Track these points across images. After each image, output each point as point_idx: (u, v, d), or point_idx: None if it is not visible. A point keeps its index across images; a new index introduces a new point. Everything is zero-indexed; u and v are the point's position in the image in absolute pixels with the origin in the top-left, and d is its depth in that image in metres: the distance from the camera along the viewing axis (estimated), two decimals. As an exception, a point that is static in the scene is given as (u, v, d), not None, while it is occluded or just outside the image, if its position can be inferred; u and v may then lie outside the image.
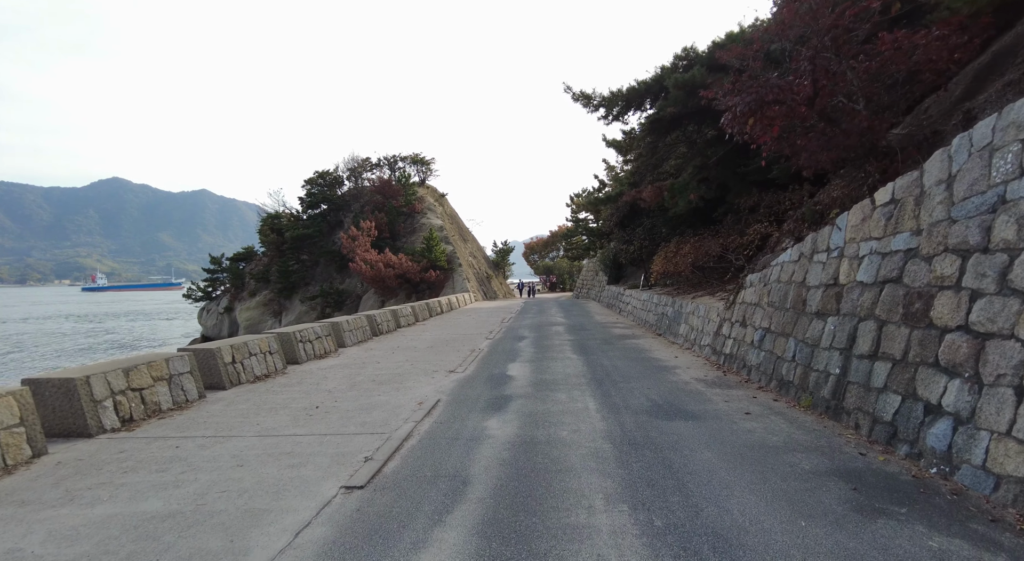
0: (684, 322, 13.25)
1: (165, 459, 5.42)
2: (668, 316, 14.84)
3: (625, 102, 14.73)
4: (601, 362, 10.76)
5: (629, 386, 8.38)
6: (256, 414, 7.23)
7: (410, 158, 50.64)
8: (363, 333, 15.39)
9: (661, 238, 23.32)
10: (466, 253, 47.84)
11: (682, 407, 7.01)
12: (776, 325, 8.31)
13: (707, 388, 8.17)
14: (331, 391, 8.60)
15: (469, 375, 9.73)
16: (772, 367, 8.07)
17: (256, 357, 10.10)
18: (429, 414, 6.99)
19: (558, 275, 70.48)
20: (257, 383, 9.51)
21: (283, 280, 46.93)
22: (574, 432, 5.99)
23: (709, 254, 14.28)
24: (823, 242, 7.52)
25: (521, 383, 8.85)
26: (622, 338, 14.60)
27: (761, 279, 9.53)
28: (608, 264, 32.17)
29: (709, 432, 5.89)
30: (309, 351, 12.15)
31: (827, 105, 7.94)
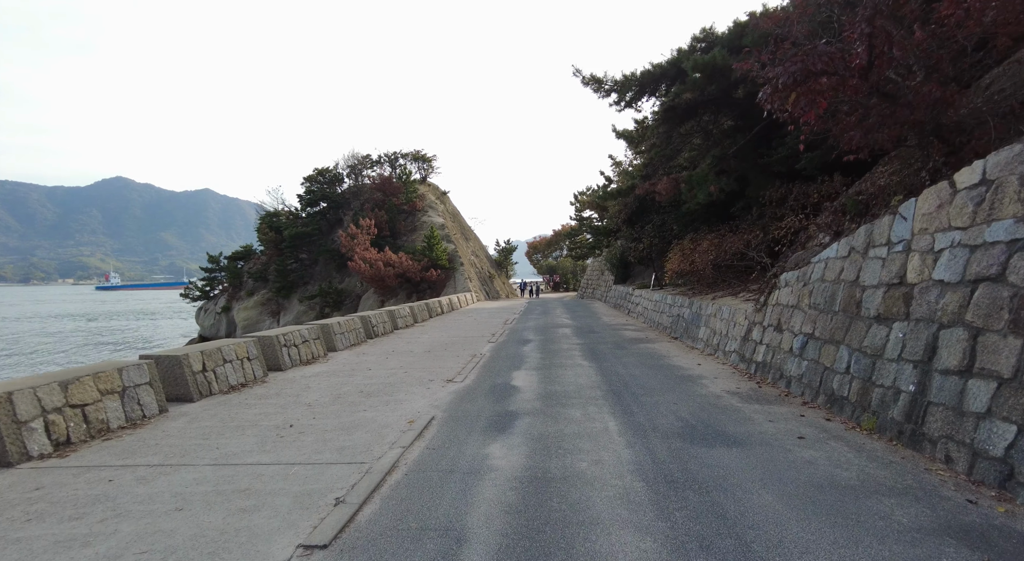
0: (704, 325, 12.16)
1: (88, 499, 4.37)
2: (685, 318, 13.75)
3: (639, 87, 13.65)
4: (616, 370, 9.68)
5: (652, 401, 7.30)
6: (219, 434, 6.18)
7: (411, 155, 49.60)
8: (356, 336, 14.33)
9: (672, 235, 22.22)
10: (468, 252, 46.78)
11: (720, 429, 5.93)
12: (822, 330, 7.22)
13: (743, 403, 7.09)
14: (311, 405, 7.54)
15: (469, 385, 8.66)
16: (819, 379, 6.98)
17: (231, 364, 9.05)
18: (420, 436, 5.92)
19: (562, 275, 69.39)
20: (231, 394, 8.46)
21: (281, 279, 45.96)
22: (595, 463, 4.92)
23: (731, 251, 13.19)
24: (881, 234, 6.43)
25: (528, 396, 7.78)
26: (635, 342, 13.51)
27: (799, 278, 8.44)
28: (615, 263, 31.07)
29: (761, 464, 4.82)
30: (294, 357, 11.10)
31: (883, 77, 6.85)
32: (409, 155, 49.50)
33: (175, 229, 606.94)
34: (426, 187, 50.08)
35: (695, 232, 18.39)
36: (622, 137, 17.75)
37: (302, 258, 47.58)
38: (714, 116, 16.68)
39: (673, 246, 19.33)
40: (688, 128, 16.43)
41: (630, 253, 25.36)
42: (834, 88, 6.93)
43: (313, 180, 50.56)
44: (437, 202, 48.94)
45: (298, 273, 46.66)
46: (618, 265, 30.72)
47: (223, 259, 52.69)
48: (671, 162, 16.08)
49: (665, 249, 22.68)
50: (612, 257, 32.30)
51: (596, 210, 39.89)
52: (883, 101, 6.97)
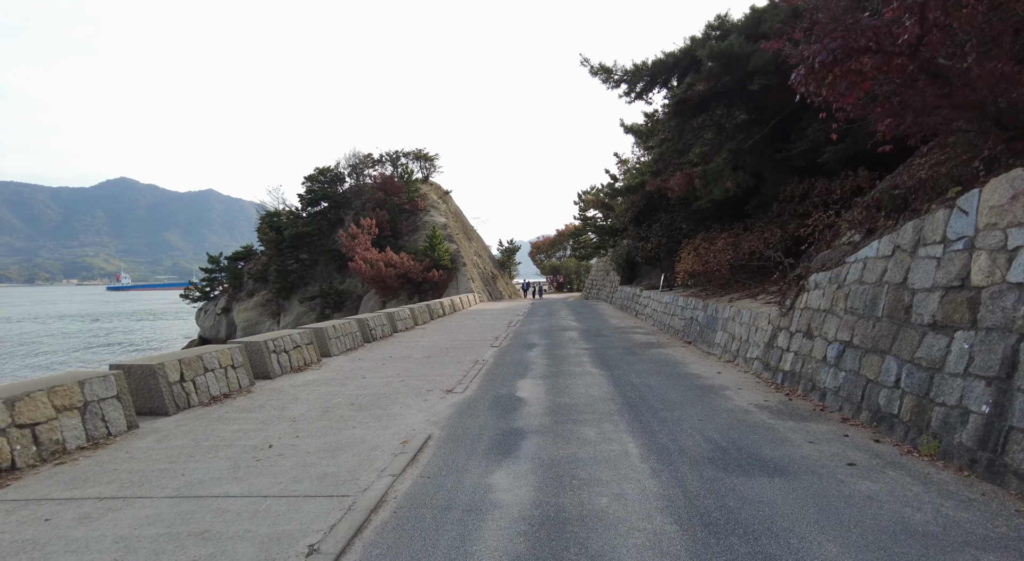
0: (721, 329, 11.42)
1: (12, 547, 3.66)
2: (699, 322, 13.01)
3: (650, 77, 12.92)
4: (630, 379, 8.95)
5: (674, 416, 6.57)
6: (189, 457, 5.48)
7: (413, 154, 48.94)
8: (352, 340, 13.63)
9: (682, 235, 21.48)
10: (471, 252, 46.10)
11: (755, 452, 5.21)
12: (862, 338, 6.48)
13: (776, 420, 6.36)
14: (295, 420, 6.84)
15: (470, 397, 7.95)
16: (860, 393, 6.25)
17: (214, 373, 8.35)
18: (414, 461, 5.21)
19: (565, 275, 68.66)
20: (211, 406, 7.76)
21: (281, 280, 45.36)
22: (617, 499, 4.20)
23: (749, 251, 12.46)
24: (934, 231, 5.69)
25: (535, 410, 7.06)
26: (647, 347, 12.78)
27: (832, 280, 7.71)
28: (621, 263, 30.33)
29: (812, 499, 4.09)
30: (284, 363, 10.40)
31: (934, 55, 6.12)
32: (411, 154, 48.85)
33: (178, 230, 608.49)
34: (428, 186, 49.41)
35: (707, 231, 17.65)
36: (631, 132, 17.02)
37: (303, 258, 46.96)
38: (727, 109, 15.94)
39: (683, 245, 18.60)
40: (700, 122, 15.69)
41: (637, 253, 24.65)
42: (878, 68, 6.20)
43: (314, 179, 49.95)
44: (439, 201, 48.27)
45: (298, 274, 46.05)
46: (624, 265, 29.98)
47: (223, 259, 52.16)
48: (682, 158, 15.35)
49: (674, 249, 21.94)
50: (618, 257, 31.57)
51: (601, 209, 39.17)
52: (932, 82, 6.24)
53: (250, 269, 49.25)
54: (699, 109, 14.95)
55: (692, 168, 13.27)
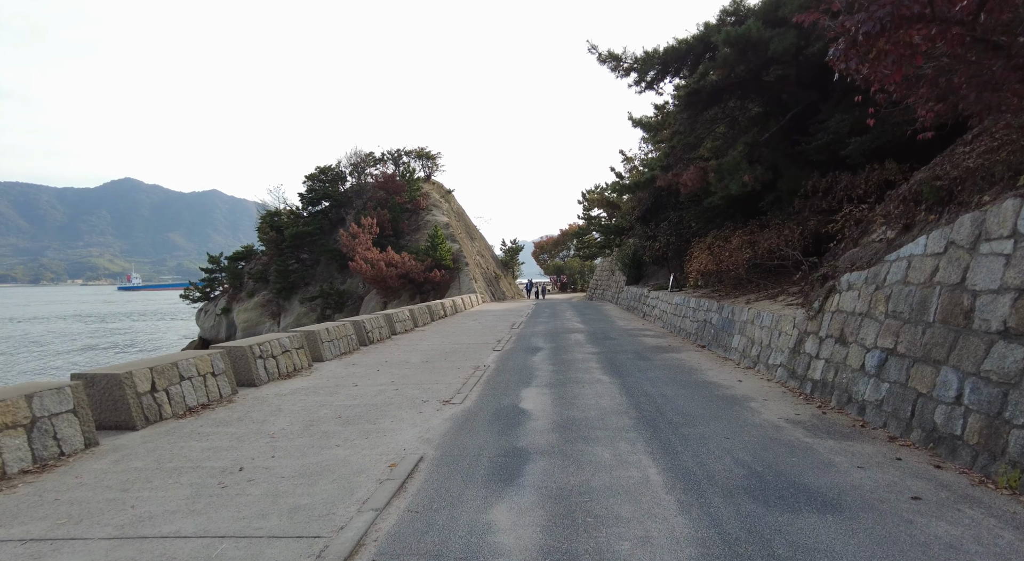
0: (739, 333, 10.69)
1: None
2: (714, 325, 12.27)
3: (662, 65, 12.20)
4: (643, 387, 8.23)
5: (697, 433, 5.85)
6: (146, 482, 4.79)
7: (415, 152, 48.28)
8: (347, 343, 12.93)
9: (691, 233, 20.73)
10: (473, 252, 45.42)
11: (798, 479, 4.48)
12: (910, 345, 5.75)
13: (813, 438, 5.63)
14: (274, 436, 6.14)
15: (469, 408, 7.24)
16: (910, 409, 5.52)
17: (191, 381, 7.67)
18: (402, 490, 4.51)
19: (569, 275, 67.93)
20: (186, 419, 7.08)
21: (282, 280, 44.77)
22: (642, 544, 3.48)
23: (768, 249, 11.72)
24: (1000, 224, 4.96)
25: (541, 424, 6.35)
26: (658, 351, 12.05)
27: (869, 280, 6.97)
28: (627, 263, 29.58)
29: (881, 548, 3.36)
30: (271, 369, 9.71)
31: (997, 23, 5.39)
32: (413, 152, 48.19)
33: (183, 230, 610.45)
34: (430, 185, 48.75)
35: (719, 229, 16.91)
36: (639, 126, 16.29)
37: (303, 258, 46.38)
38: (741, 101, 15.22)
39: (694, 244, 17.87)
40: (712, 115, 14.96)
41: (644, 252, 23.92)
42: (931, 39, 5.47)
43: (315, 179, 49.36)
44: (441, 201, 47.61)
45: (299, 274, 45.45)
46: (630, 265, 29.23)
47: (224, 259, 51.63)
48: (694, 152, 14.61)
49: (683, 248, 21.20)
50: (624, 257, 30.83)
51: (606, 208, 38.43)
52: (992, 54, 5.51)
53: (250, 269, 48.71)
54: (712, 101, 14.22)
55: (705, 162, 12.52)
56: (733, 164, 11.75)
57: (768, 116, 14.68)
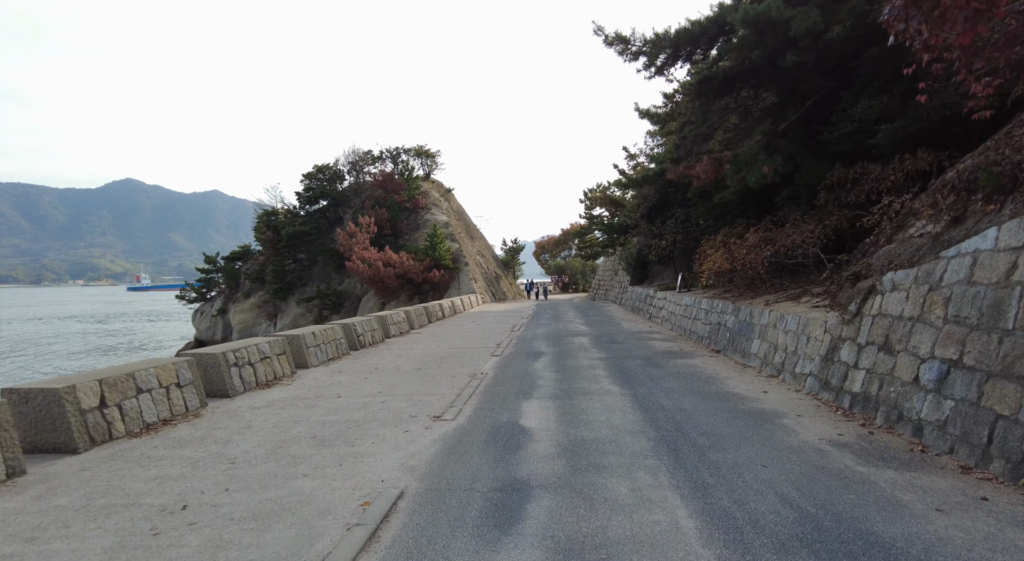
0: (759, 338, 9.80)
1: None
2: (729, 328, 11.38)
3: (673, 49, 11.32)
4: (658, 400, 7.35)
5: (728, 459, 4.97)
6: (61, 528, 3.92)
7: (414, 150, 47.42)
8: (336, 348, 12.06)
9: (700, 231, 19.85)
10: (473, 252, 44.57)
11: (865, 527, 3.60)
12: (981, 357, 4.87)
13: (867, 466, 4.75)
14: (235, 461, 5.27)
15: (462, 426, 6.37)
16: (986, 433, 4.63)
17: (150, 394, 6.81)
18: (374, 540, 3.63)
19: (571, 275, 67.06)
20: (141, 437, 6.22)
21: (278, 280, 43.94)
22: (682, 634, 2.61)
23: (791, 246, 10.84)
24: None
25: (544, 447, 5.47)
26: (669, 356, 11.16)
27: (920, 279, 6.08)
28: (631, 262, 28.73)
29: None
30: (247, 378, 8.84)
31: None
32: (412, 150, 47.33)
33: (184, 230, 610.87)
34: (429, 184, 47.90)
35: (730, 226, 16.03)
36: (646, 117, 15.42)
37: (300, 258, 45.55)
38: (754, 91, 14.32)
39: (704, 242, 16.99)
40: (724, 104, 14.07)
41: (650, 251, 23.02)
42: (1010, -8, 4.60)
43: (312, 177, 48.54)
44: (441, 199, 46.75)
45: (296, 274, 44.62)
46: (634, 265, 28.36)
47: (220, 259, 50.84)
48: (705, 144, 13.74)
49: (691, 247, 20.32)
50: (627, 256, 29.99)
51: (608, 207, 37.55)
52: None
53: (247, 270, 47.96)
54: (724, 89, 13.34)
55: (719, 154, 11.63)
56: (751, 155, 10.86)
57: (784, 106, 13.80)
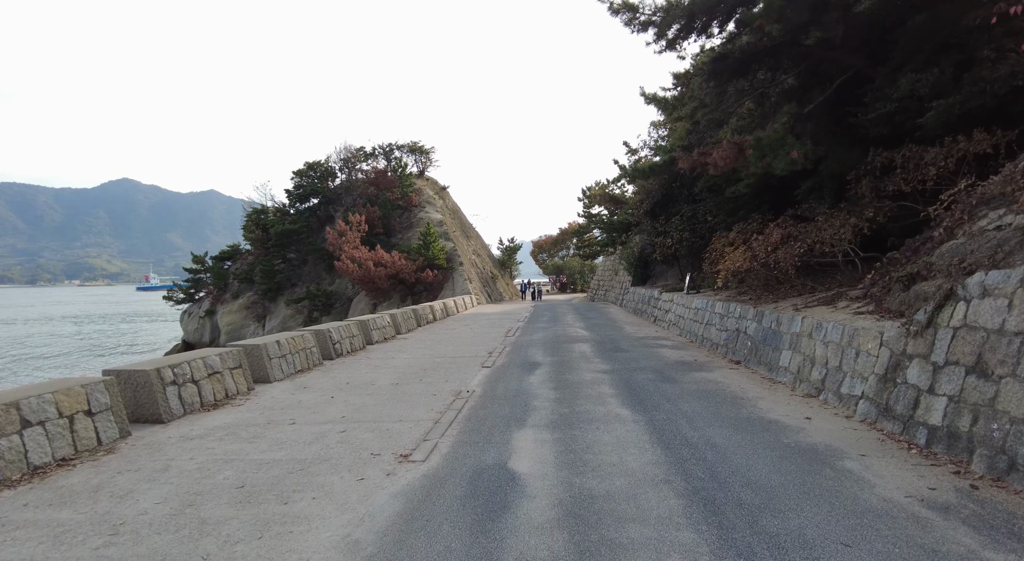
0: (791, 348, 8.42)
1: None
2: (750, 335, 10.01)
3: (686, 19, 9.93)
4: (680, 429, 5.97)
5: (791, 531, 3.58)
6: None
7: (407, 147, 46.00)
8: (305, 358, 10.66)
9: (708, 228, 18.50)
10: (468, 251, 43.17)
11: None
12: None
13: (999, 552, 3.38)
14: (118, 530, 3.88)
15: (435, 471, 4.97)
16: None
17: (43, 427, 5.41)
18: None
19: (569, 275, 65.74)
20: (16, 488, 4.82)
21: (267, 280, 42.55)
22: None
23: (819, 242, 9.46)
24: None
25: (540, 511, 4.08)
26: (684, 368, 9.78)
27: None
28: (632, 262, 27.39)
29: None
30: (190, 399, 7.44)
31: None
32: (405, 147, 45.91)
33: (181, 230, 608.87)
34: (424, 181, 46.49)
35: (744, 221, 14.68)
36: (653, 103, 14.05)
37: (290, 258, 44.13)
38: (772, 73, 12.96)
39: (715, 240, 15.64)
40: (740, 87, 12.71)
41: (654, 250, 21.65)
42: None
43: (303, 175, 47.11)
44: (435, 197, 45.33)
45: (285, 274, 43.21)
46: (636, 264, 27.03)
47: (209, 259, 49.43)
48: (719, 130, 12.36)
49: (699, 245, 18.96)
50: (629, 255, 28.63)
51: (608, 204, 36.16)
52: None
53: (236, 269, 46.56)
54: (740, 69, 11.97)
55: (741, 137, 10.23)
56: (776, 139, 9.47)
57: (806, 88, 12.43)
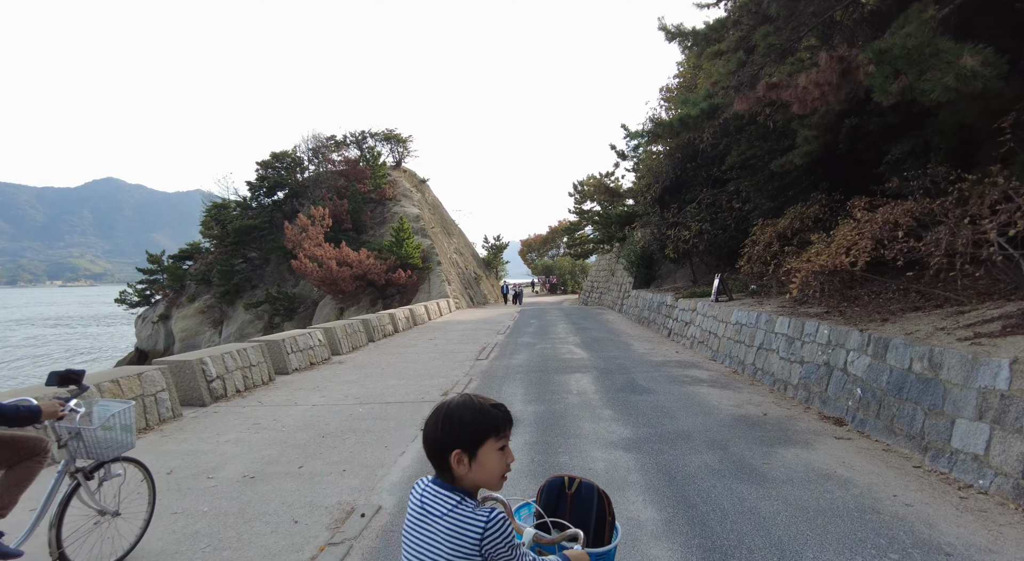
0: (981, 417, 4.48)
1: None
2: (862, 378, 6.07)
3: None
4: None
5: None
6: None
7: (382, 135, 41.84)
8: (153, 408, 6.60)
9: (736, 217, 14.61)
10: (449, 249, 39.07)
11: None
12: None
13: None
14: None
15: None
16: None
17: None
18: None
19: (559, 275, 61.86)
20: None
21: (225, 281, 38.27)
22: None
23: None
24: None
25: None
26: (754, 434, 5.81)
27: None
28: (634, 261, 23.35)
29: None
30: None
31: None
32: (379, 134, 41.75)
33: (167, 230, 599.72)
34: (400, 172, 42.36)
35: (803, 203, 10.80)
36: (678, 38, 10.17)
37: (251, 257, 39.88)
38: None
39: (754, 230, 11.75)
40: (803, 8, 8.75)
41: (664, 245, 17.68)
42: None
43: (268, 166, 42.83)
44: (413, 190, 41.23)
45: (245, 275, 38.98)
46: (639, 263, 23.04)
47: (167, 258, 45.07)
48: (782, 62, 8.46)
49: (724, 239, 15.07)
50: (630, 253, 24.53)
51: (604, 197, 32.23)
52: None
53: (194, 270, 42.25)
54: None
55: (846, 50, 6.23)
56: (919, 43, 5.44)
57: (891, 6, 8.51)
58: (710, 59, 9.62)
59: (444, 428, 1.45)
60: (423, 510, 1.46)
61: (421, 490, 1.50)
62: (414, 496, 1.51)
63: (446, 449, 1.44)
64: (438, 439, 1.45)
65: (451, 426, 1.45)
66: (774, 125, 11.66)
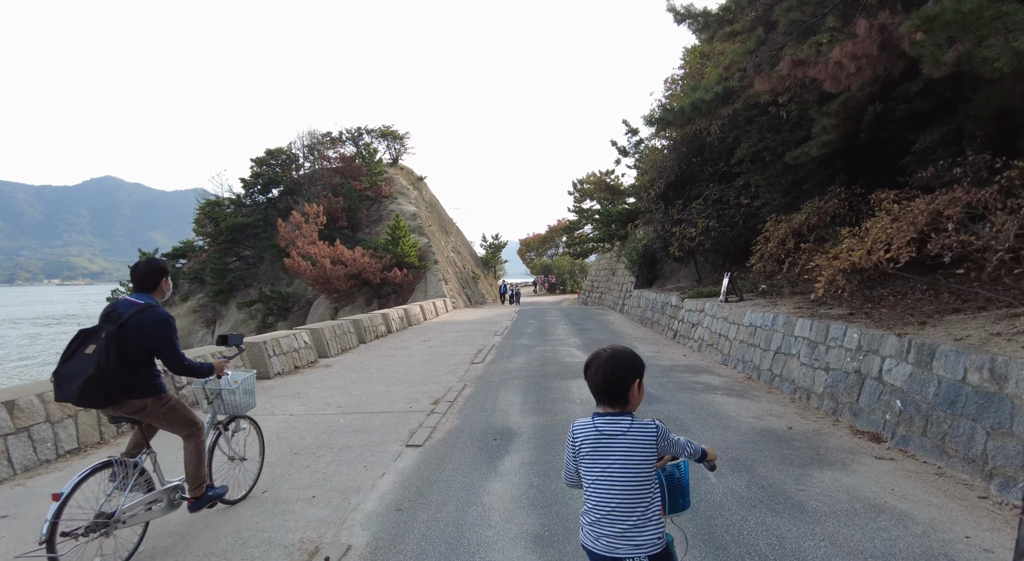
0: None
1: None
2: (901, 389, 5.39)
3: None
4: None
5: None
6: None
7: (378, 131, 41.09)
8: (74, 433, 5.90)
9: (745, 214, 13.95)
10: (447, 248, 38.36)
11: None
12: None
13: None
14: None
15: None
16: None
17: None
18: None
19: (558, 275, 61.20)
20: None
21: (218, 280, 37.58)
22: None
23: None
24: None
25: None
26: (782, 452, 5.13)
27: None
28: (636, 259, 22.67)
29: None
30: None
31: None
32: (376, 131, 41.01)
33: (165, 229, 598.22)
34: (397, 170, 41.62)
35: (819, 197, 10.11)
36: (687, 19, 9.46)
37: (244, 255, 39.16)
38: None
39: (767, 227, 11.07)
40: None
41: (668, 243, 16.99)
42: None
43: (263, 163, 42.10)
44: (410, 188, 40.52)
45: (238, 273, 38.27)
46: (641, 262, 22.35)
47: (159, 256, 44.27)
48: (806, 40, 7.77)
49: (731, 236, 14.39)
50: (631, 252, 23.83)
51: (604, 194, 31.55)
52: None
53: (187, 268, 41.56)
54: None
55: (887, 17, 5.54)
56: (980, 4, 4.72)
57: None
58: (723, 40, 8.93)
59: (621, 367, 1.90)
60: (603, 436, 1.88)
61: (595, 424, 1.91)
62: (585, 430, 1.91)
63: (629, 380, 1.90)
64: (621, 375, 1.90)
65: (626, 365, 1.92)
66: (788, 115, 11.00)
